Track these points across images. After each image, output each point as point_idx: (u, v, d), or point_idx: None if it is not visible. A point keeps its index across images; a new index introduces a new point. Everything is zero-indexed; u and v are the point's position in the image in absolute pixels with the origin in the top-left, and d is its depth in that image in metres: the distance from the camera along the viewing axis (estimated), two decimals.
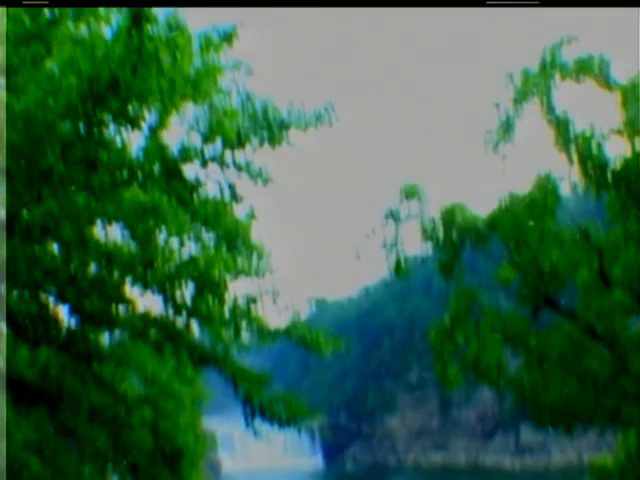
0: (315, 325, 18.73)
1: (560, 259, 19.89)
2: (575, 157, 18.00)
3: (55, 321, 17.34)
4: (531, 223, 19.60)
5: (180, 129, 15.93)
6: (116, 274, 16.57)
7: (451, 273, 20.76)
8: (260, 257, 17.20)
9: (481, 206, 20.79)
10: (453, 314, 20.86)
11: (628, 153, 18.06)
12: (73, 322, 17.63)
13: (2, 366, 14.85)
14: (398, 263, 20.58)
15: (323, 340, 18.01)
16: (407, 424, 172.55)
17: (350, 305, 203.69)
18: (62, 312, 17.52)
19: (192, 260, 16.26)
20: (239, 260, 16.84)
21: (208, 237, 17.05)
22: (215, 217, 16.54)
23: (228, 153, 15.68)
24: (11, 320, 16.33)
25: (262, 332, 17.56)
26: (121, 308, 17.22)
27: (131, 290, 16.89)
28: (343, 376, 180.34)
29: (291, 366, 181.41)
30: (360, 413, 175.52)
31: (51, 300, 17.27)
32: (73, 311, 17.16)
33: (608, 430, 27.46)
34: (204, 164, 15.76)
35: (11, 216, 14.71)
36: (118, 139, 15.22)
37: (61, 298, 16.84)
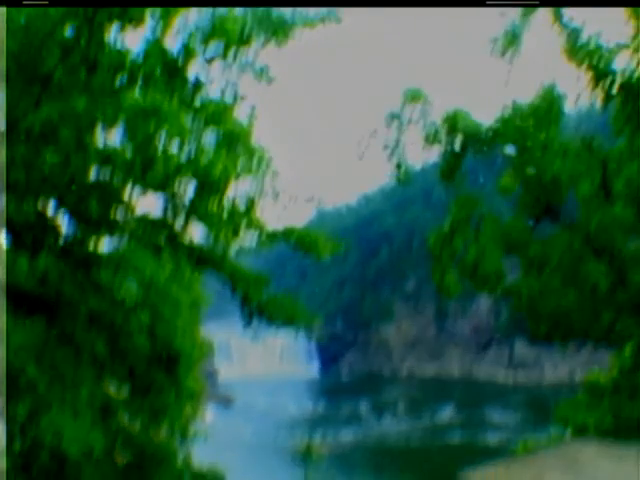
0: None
1: (563, 170, 19.77)
2: (584, 66, 17.80)
3: (54, 228, 17.24)
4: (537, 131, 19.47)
5: (183, 33, 15.67)
6: (115, 177, 16.42)
7: (452, 180, 20.65)
8: (260, 160, 17.00)
9: (484, 116, 20.65)
10: (453, 220, 20.80)
11: (636, 66, 17.87)
12: (72, 229, 17.53)
13: (1, 275, 14.82)
14: (399, 167, 20.47)
15: (322, 243, 17.86)
16: (403, 334, 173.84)
17: (349, 213, 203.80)
18: (61, 219, 17.42)
19: (193, 160, 16.07)
20: (239, 162, 16.65)
21: (209, 139, 16.85)
22: (216, 118, 16.33)
23: (231, 52, 15.43)
24: (10, 229, 16.26)
25: (261, 233, 17.42)
26: (120, 212, 17.11)
27: (130, 193, 16.76)
28: (340, 284, 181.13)
29: (288, 274, 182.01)
30: (356, 322, 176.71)
31: (50, 207, 17.14)
32: (72, 217, 17.05)
33: (601, 349, 27.66)
34: (207, 62, 15.52)
35: (10, 123, 14.54)
36: (119, 42, 15.01)
37: (60, 205, 16.71)
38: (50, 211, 17.22)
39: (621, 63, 18.11)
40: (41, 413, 13.41)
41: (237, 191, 16.93)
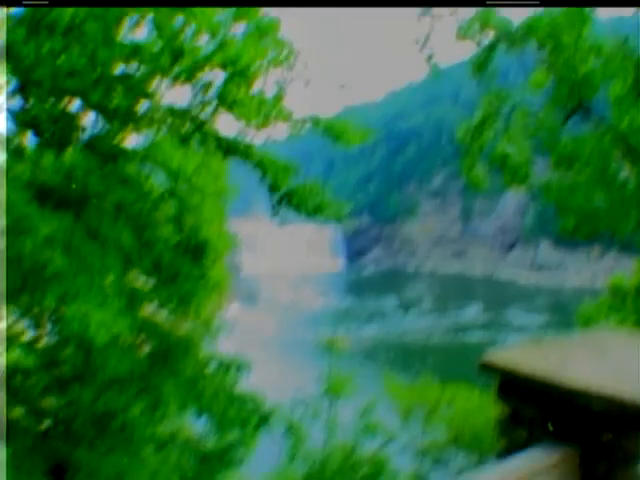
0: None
1: (595, 67, 19.61)
2: None
3: (79, 124, 17.16)
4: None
5: None
6: (143, 68, 16.29)
7: (483, 74, 20.49)
8: (289, 52, 16.80)
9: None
10: (483, 113, 20.73)
11: None
12: (98, 124, 17.43)
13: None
14: (429, 60, 20.36)
15: (351, 130, 17.67)
16: (427, 231, 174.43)
17: (377, 109, 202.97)
18: (87, 115, 17.32)
19: (222, 46, 15.91)
20: (268, 52, 16.48)
21: (237, 32, 16.64)
22: (245, 11, 16.13)
23: None
24: (35, 127, 16.23)
25: (290, 121, 17.27)
26: (147, 105, 17.02)
27: (158, 85, 16.63)
28: (367, 179, 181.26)
29: (315, 167, 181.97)
30: (382, 217, 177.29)
31: (75, 103, 17.03)
32: (98, 112, 16.93)
33: (624, 256, 27.98)
34: None
35: (36, 18, 14.40)
36: None
37: (85, 100, 16.59)
38: (75, 107, 17.14)
39: None
40: (68, 302, 13.49)
41: (266, 81, 16.80)
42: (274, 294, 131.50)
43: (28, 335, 18.24)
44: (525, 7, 17.72)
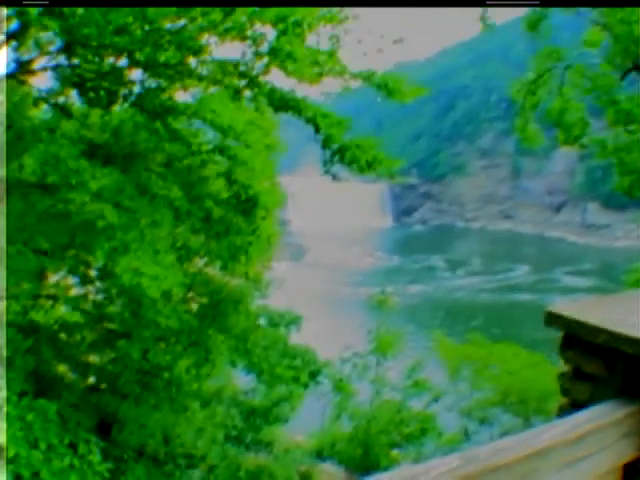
0: None
1: None
2: None
3: (128, 80, 17.11)
4: None
5: None
6: (193, 25, 16.16)
7: (537, 31, 20.21)
8: (341, 9, 16.58)
9: None
10: (537, 71, 20.52)
11: None
12: (147, 80, 17.36)
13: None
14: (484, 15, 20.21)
15: (405, 86, 17.48)
16: (477, 189, 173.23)
17: (427, 66, 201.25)
18: (135, 71, 17.25)
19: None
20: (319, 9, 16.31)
21: None
22: None
23: None
24: (81, 85, 16.20)
25: (344, 74, 17.08)
26: (198, 59, 16.91)
27: (208, 41, 16.50)
28: (416, 136, 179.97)
29: (364, 125, 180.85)
30: (431, 174, 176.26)
31: (123, 61, 16.95)
32: (146, 69, 16.86)
33: None
34: None
35: None
36: None
37: (133, 57, 16.50)
38: (123, 64, 17.06)
39: None
40: (118, 257, 13.50)
41: (319, 36, 16.60)
42: (323, 251, 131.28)
43: (75, 291, 18.36)
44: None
